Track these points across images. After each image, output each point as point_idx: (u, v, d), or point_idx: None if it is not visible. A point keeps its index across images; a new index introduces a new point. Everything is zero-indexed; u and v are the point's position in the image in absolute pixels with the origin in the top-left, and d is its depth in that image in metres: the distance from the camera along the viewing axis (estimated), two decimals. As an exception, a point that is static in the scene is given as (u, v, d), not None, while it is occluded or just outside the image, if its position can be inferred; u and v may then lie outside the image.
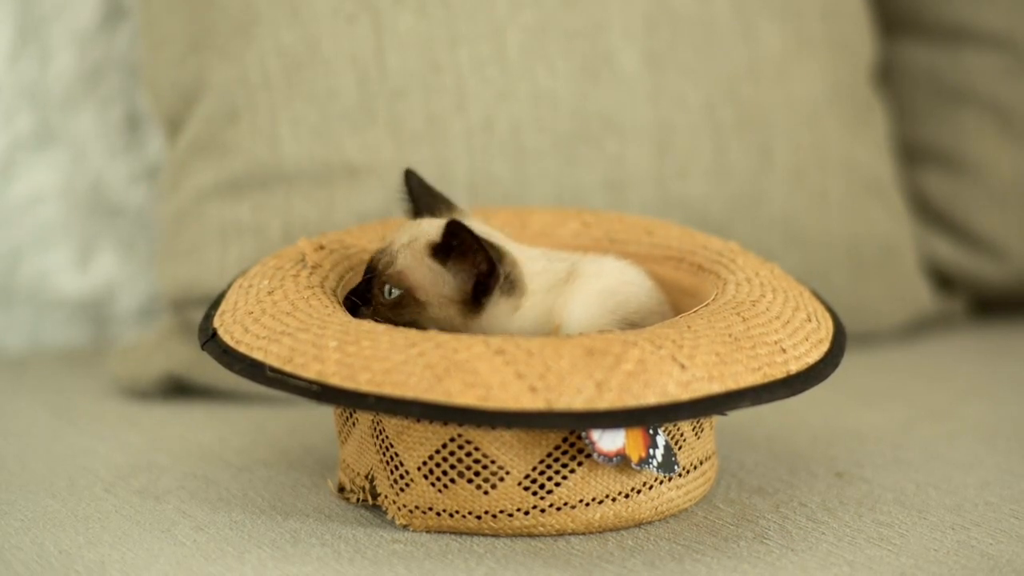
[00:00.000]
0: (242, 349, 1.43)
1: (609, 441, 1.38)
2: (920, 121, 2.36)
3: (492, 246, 1.48)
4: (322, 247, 1.60)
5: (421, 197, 1.59)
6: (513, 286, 1.50)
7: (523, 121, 2.01)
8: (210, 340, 1.48)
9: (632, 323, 1.50)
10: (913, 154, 2.36)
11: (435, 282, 1.49)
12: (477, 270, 1.48)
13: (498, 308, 1.49)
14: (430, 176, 1.63)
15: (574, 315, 1.50)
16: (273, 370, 1.39)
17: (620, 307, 1.51)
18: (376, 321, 1.47)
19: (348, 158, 1.97)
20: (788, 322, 1.47)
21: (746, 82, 2.12)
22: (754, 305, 1.48)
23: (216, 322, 1.50)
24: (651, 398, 1.33)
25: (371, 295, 1.50)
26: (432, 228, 1.52)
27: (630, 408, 1.33)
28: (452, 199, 1.60)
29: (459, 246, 1.47)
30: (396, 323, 1.47)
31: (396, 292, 1.49)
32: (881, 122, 2.27)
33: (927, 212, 2.36)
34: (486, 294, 1.48)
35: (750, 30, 2.13)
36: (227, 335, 1.46)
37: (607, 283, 1.52)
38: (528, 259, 1.53)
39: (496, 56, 2.01)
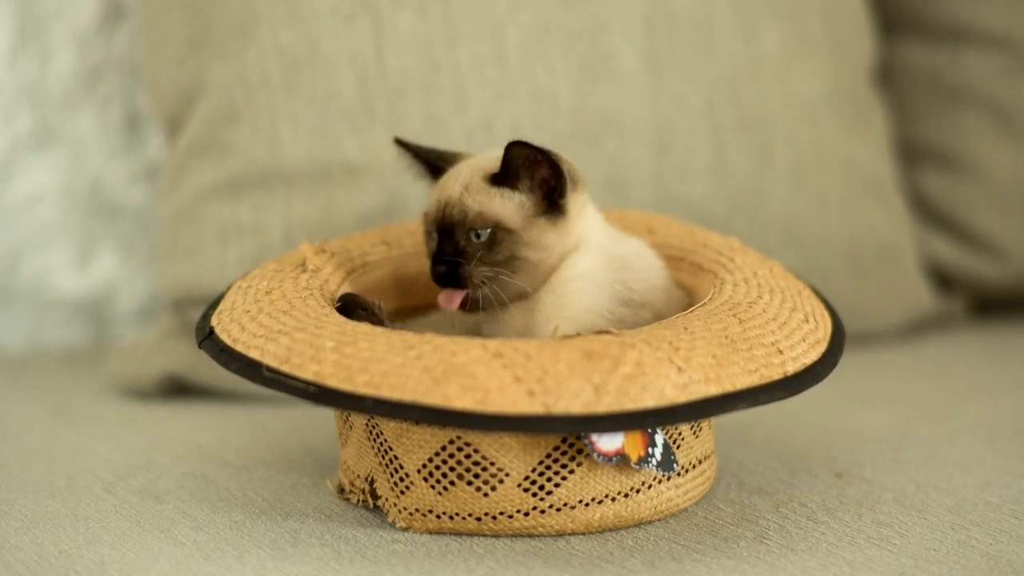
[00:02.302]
0: (239, 347, 1.43)
1: (608, 441, 1.38)
2: (920, 121, 2.35)
3: (547, 149, 1.50)
4: (324, 251, 1.60)
5: (424, 155, 1.59)
6: (576, 178, 1.53)
7: (523, 121, 2.01)
8: (207, 338, 1.48)
9: (631, 289, 1.53)
10: (913, 154, 2.36)
11: (513, 207, 1.50)
12: (542, 177, 1.50)
13: (574, 204, 1.52)
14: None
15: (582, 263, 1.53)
16: (270, 370, 1.39)
17: (621, 269, 1.54)
18: (478, 271, 1.48)
19: (348, 158, 1.97)
20: (785, 323, 1.47)
21: (746, 82, 2.12)
22: (751, 306, 1.48)
23: (213, 320, 1.50)
24: (649, 401, 1.33)
25: (459, 251, 1.50)
26: (475, 166, 1.53)
27: (628, 412, 1.33)
28: (449, 149, 1.62)
29: (525, 162, 1.49)
30: (496, 265, 1.49)
31: (485, 233, 1.50)
32: (881, 122, 2.27)
33: (927, 212, 2.35)
34: (562, 195, 1.51)
35: (750, 30, 2.12)
36: (224, 333, 1.46)
37: (617, 251, 1.56)
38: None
39: (496, 56, 2.01)
